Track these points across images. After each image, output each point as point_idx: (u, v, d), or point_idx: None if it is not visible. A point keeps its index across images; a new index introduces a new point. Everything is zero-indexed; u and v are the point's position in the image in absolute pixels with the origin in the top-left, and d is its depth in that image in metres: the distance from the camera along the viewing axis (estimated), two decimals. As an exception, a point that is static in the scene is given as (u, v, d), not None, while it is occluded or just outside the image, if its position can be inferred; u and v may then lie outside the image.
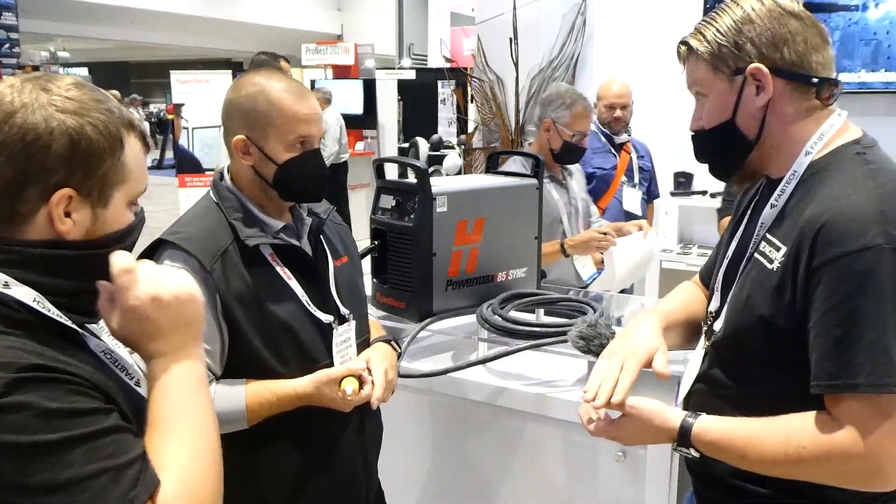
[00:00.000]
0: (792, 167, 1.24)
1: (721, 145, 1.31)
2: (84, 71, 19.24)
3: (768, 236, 1.23)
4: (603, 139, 3.60)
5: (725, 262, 1.36)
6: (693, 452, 1.24)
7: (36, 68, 10.28)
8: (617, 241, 2.76)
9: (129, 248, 1.05)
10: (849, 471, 1.11)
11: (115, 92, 15.59)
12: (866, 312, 1.07)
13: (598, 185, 3.54)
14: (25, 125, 0.93)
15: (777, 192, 1.25)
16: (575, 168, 3.09)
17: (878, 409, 1.07)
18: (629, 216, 3.48)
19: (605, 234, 2.76)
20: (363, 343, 1.69)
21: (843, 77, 3.89)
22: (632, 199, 3.61)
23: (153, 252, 1.51)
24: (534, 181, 2.28)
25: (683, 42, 1.31)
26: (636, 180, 3.67)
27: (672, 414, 1.27)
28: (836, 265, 1.09)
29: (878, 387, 1.06)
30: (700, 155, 1.38)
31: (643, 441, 1.36)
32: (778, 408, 1.17)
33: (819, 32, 1.24)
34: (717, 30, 1.25)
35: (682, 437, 1.24)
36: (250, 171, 1.54)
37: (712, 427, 1.22)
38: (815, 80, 1.22)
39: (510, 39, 4.38)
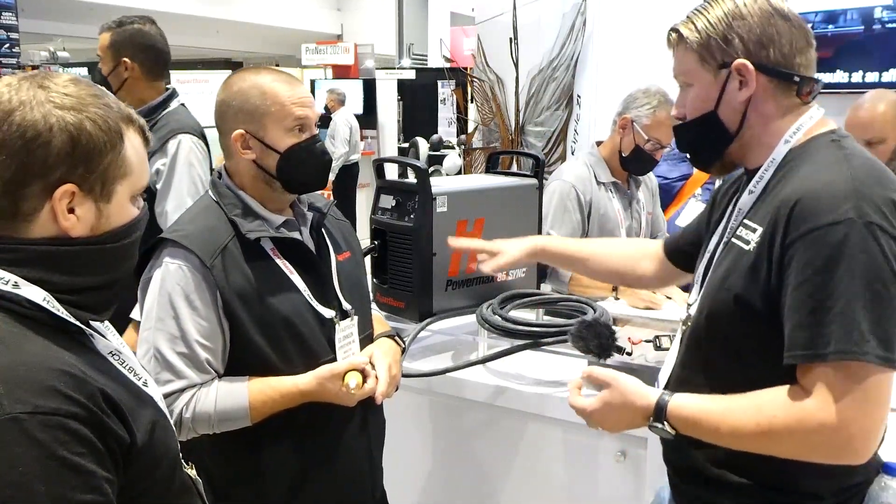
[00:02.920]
0: (770, 155, 1.27)
1: (702, 136, 1.35)
2: (84, 71, 19.22)
3: (745, 221, 1.26)
4: None
5: (706, 255, 1.39)
6: (668, 429, 1.25)
7: (35, 68, 10.27)
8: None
9: (135, 243, 1.06)
10: (819, 441, 1.13)
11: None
12: (837, 283, 1.10)
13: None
14: (24, 123, 0.93)
15: (755, 178, 1.29)
16: (646, 177, 2.81)
17: (847, 377, 1.09)
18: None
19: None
20: (367, 338, 1.69)
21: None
22: (693, 215, 3.04)
23: (153, 250, 1.51)
24: (534, 181, 2.29)
25: (674, 29, 1.34)
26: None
27: (649, 390, 1.30)
28: (808, 238, 1.12)
29: (845, 353, 1.08)
30: (682, 145, 1.42)
31: (618, 421, 1.34)
32: (752, 389, 1.19)
33: (804, 34, 1.28)
34: (708, 21, 1.28)
35: (658, 412, 1.26)
36: (252, 166, 1.54)
37: (688, 403, 1.25)
38: (797, 78, 1.26)
39: (510, 39, 4.37)
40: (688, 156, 1.46)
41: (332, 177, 8.29)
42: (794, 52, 1.26)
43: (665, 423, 1.25)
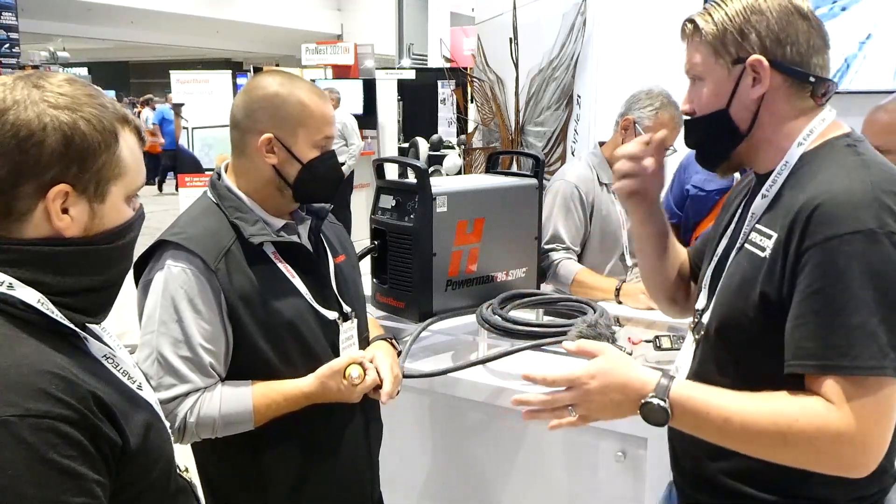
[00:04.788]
0: (784, 158, 1.24)
1: (712, 133, 1.32)
2: (84, 71, 19.23)
3: (758, 226, 1.24)
4: None
5: (715, 259, 1.36)
6: (664, 405, 1.16)
7: (36, 68, 10.27)
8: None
9: (131, 244, 1.05)
10: (834, 451, 1.10)
11: (148, 95, 15.65)
12: (855, 295, 1.07)
13: (689, 210, 2.82)
14: (18, 122, 0.93)
15: (768, 182, 1.26)
16: None
17: (865, 391, 1.07)
18: None
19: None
20: (363, 341, 1.70)
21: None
22: None
23: (154, 252, 1.50)
24: (534, 181, 2.28)
25: (690, 20, 1.30)
26: None
27: (645, 370, 1.22)
28: (826, 246, 1.10)
29: (863, 369, 1.06)
30: (690, 141, 1.39)
31: (606, 402, 1.22)
32: (780, 398, 1.15)
33: (822, 35, 1.25)
34: (726, 13, 1.25)
35: (660, 390, 1.17)
36: (270, 170, 1.54)
37: (695, 388, 1.18)
38: (813, 79, 1.24)
39: (510, 39, 4.37)
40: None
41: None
42: (812, 52, 1.23)
43: (665, 400, 1.16)
